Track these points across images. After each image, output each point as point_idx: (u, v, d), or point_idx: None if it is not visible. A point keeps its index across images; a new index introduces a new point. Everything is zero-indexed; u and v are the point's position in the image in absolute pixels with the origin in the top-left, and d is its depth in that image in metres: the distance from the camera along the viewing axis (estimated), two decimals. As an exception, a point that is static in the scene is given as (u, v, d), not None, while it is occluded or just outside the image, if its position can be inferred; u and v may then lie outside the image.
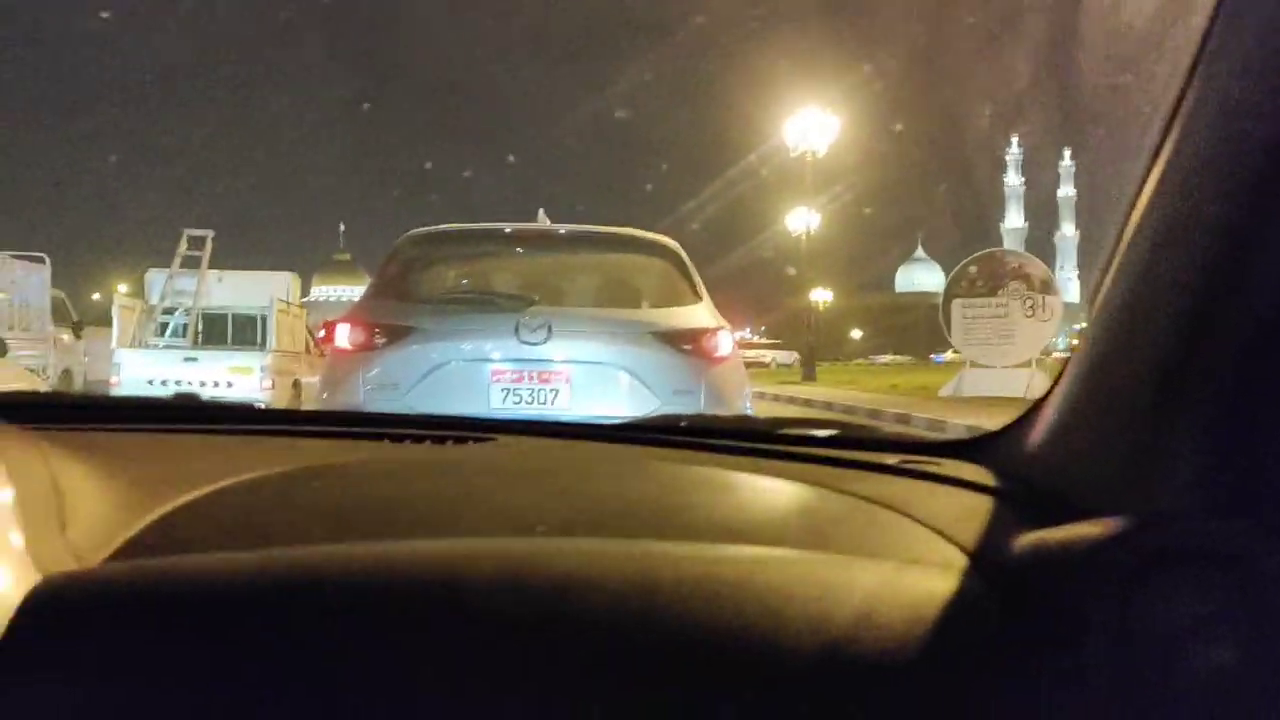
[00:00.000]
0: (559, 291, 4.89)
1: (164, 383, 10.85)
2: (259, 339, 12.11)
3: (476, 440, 1.26)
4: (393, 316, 4.28)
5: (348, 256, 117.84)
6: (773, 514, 0.97)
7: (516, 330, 4.12)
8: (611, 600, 0.70)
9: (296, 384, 11.78)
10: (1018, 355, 15.37)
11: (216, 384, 10.94)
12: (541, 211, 5.46)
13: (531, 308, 4.25)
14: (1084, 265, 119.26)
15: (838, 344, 65.80)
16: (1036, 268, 16.02)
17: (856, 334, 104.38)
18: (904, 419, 12.90)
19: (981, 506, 0.97)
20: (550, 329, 4.13)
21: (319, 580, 0.70)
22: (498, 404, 4.11)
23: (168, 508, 0.84)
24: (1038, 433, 1.00)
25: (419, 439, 1.26)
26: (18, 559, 0.67)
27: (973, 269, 16.05)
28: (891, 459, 1.19)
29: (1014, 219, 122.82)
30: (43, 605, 0.65)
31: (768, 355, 62.36)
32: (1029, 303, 15.27)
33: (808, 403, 17.45)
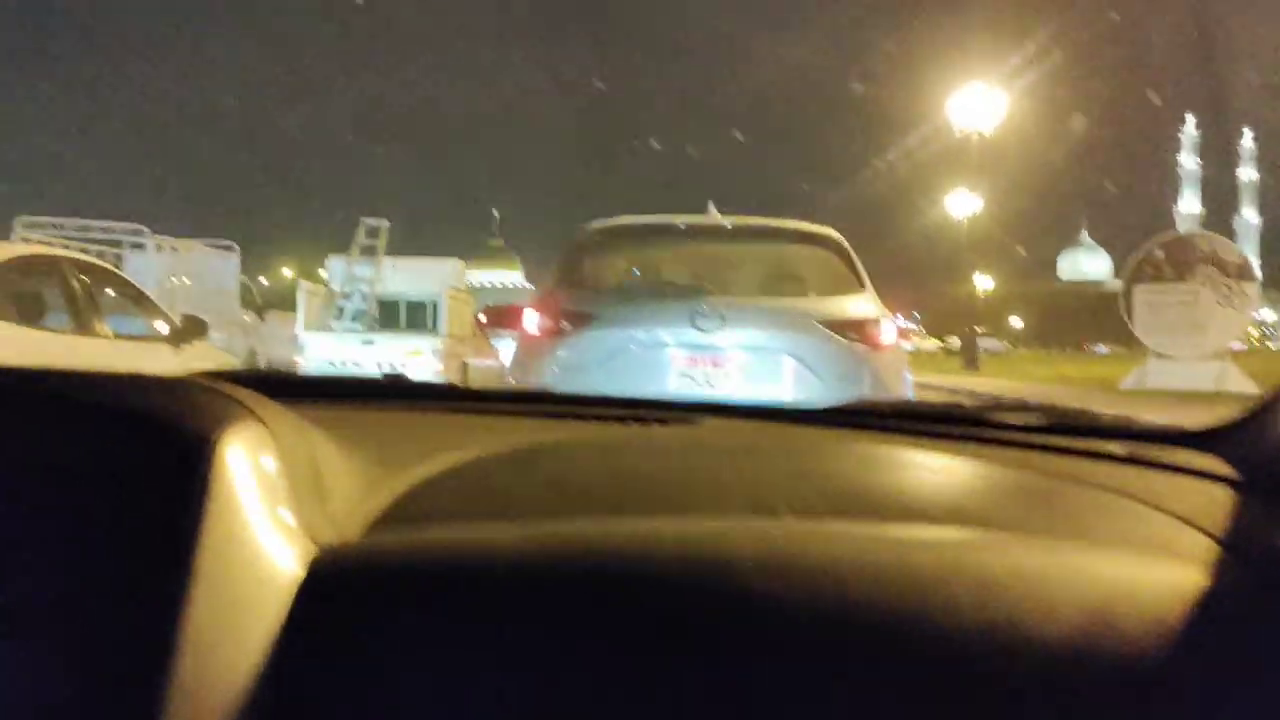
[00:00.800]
0: (729, 281, 5.06)
1: (344, 363, 11.33)
2: (429, 323, 12.45)
3: (680, 422, 1.28)
4: (577, 304, 4.53)
5: (501, 243, 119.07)
6: (1001, 498, 0.91)
7: (691, 318, 4.35)
8: (880, 589, 0.67)
9: (464, 366, 12.10)
10: (1209, 346, 14.37)
11: (392, 365, 11.29)
12: (711, 204, 5.32)
13: (705, 297, 4.46)
14: (1267, 252, 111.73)
15: (996, 333, 63.58)
16: (1230, 251, 14.86)
17: (1017, 322, 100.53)
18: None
19: (1231, 498, 0.89)
20: (723, 317, 4.35)
21: (595, 558, 0.68)
22: (674, 386, 4.37)
23: (411, 482, 0.85)
24: None
25: (623, 419, 1.28)
26: (292, 531, 0.67)
27: (1159, 253, 14.92)
28: (1116, 447, 1.10)
29: (1190, 203, 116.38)
30: (326, 578, 0.65)
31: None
32: (1223, 289, 14.22)
33: (972, 394, 16.95)
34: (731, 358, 4.35)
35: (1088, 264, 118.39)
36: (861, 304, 4.52)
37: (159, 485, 0.65)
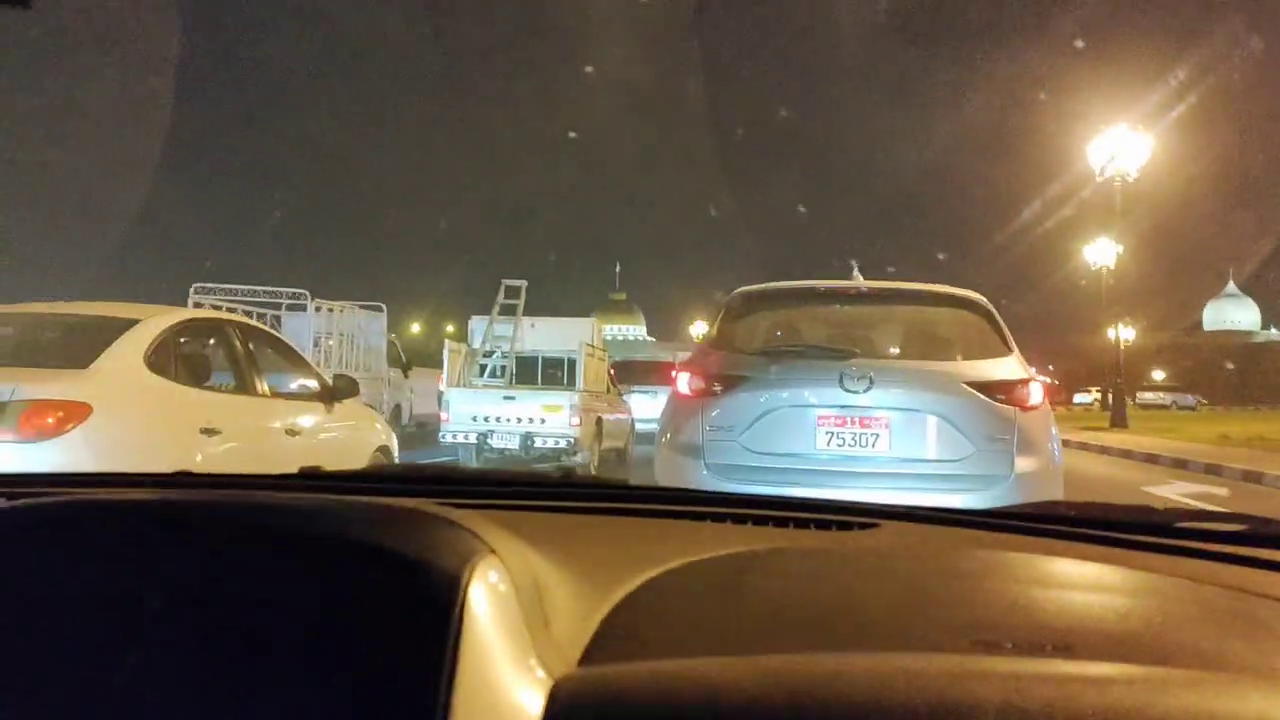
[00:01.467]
0: (875, 343, 5.13)
1: (485, 418, 11.62)
2: (566, 379, 12.65)
3: (861, 526, 1.26)
4: (728, 366, 4.68)
5: (623, 296, 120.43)
6: (1211, 625, 0.88)
7: (841, 380, 4.45)
8: None
9: (599, 421, 12.21)
10: None
11: (531, 420, 11.56)
12: (855, 267, 5.61)
13: (853, 359, 4.57)
14: None
15: (1134, 386, 60.95)
16: None
17: (1158, 375, 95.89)
18: (1254, 477, 12.04)
19: None
20: (871, 379, 4.44)
21: (827, 697, 0.66)
22: (822, 446, 4.46)
23: (617, 601, 0.85)
24: None
25: (803, 523, 1.27)
26: (529, 666, 0.66)
27: None
28: None
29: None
30: (564, 713, 0.64)
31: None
32: None
33: (1126, 454, 16.26)
34: (880, 418, 4.43)
35: (1235, 313, 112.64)
36: (1008, 366, 4.59)
37: (411, 627, 0.65)
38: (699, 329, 70.19)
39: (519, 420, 11.55)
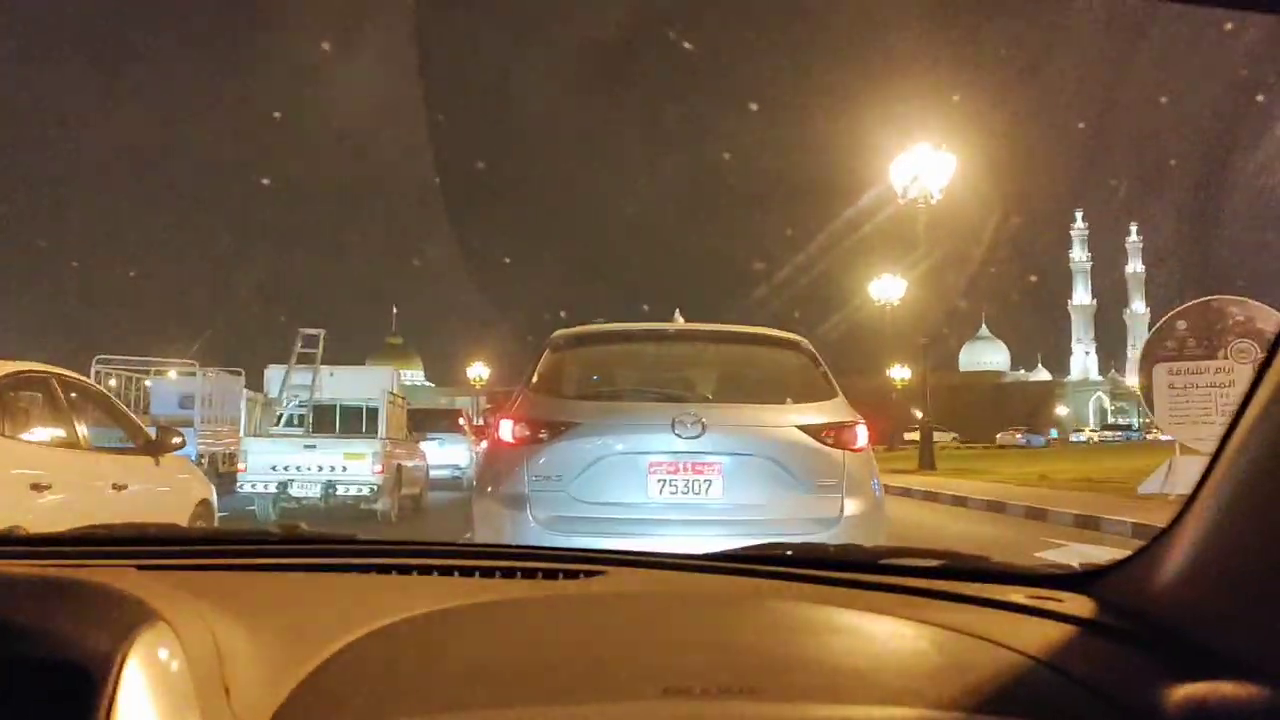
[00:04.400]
0: (704, 387, 5.22)
1: (285, 467, 11.77)
2: (365, 427, 12.92)
3: (587, 575, 1.28)
4: (554, 412, 4.56)
5: (400, 340, 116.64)
6: (901, 663, 0.94)
7: (673, 425, 4.36)
8: None
9: (399, 468, 12.53)
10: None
11: (333, 468, 11.80)
12: (677, 311, 5.56)
13: (686, 404, 4.56)
14: None
15: (904, 426, 65.01)
16: (1269, 319, 11.92)
17: (918, 414, 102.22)
18: (1089, 522, 10.81)
19: (1117, 651, 0.94)
20: (704, 424, 4.37)
21: None
22: (655, 494, 4.36)
23: (315, 665, 0.84)
24: (1170, 566, 0.96)
25: (529, 573, 1.27)
26: None
27: (1181, 324, 12.50)
28: (1012, 593, 1.16)
29: (1081, 295, 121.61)
30: None
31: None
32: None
33: (959, 500, 14.92)
34: (713, 464, 4.38)
35: (987, 355, 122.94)
36: (835, 408, 4.66)
37: (58, 709, 0.63)
38: (478, 372, 69.91)
39: (320, 468, 11.75)
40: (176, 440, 6.33)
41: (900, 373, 56.66)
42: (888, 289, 37.75)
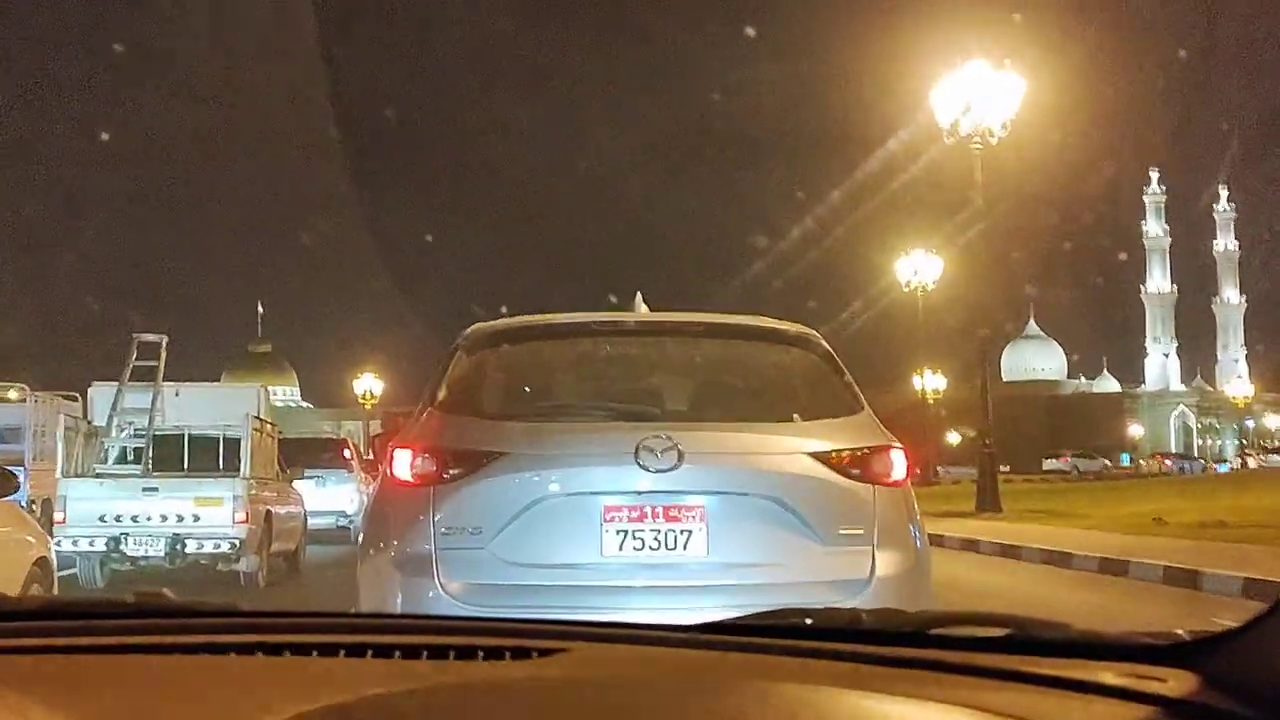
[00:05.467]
0: (679, 400, 5.07)
1: (119, 518, 11.75)
2: (223, 463, 12.91)
3: (541, 653, 1.28)
4: (470, 439, 4.39)
5: (269, 348, 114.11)
6: None
7: (637, 453, 4.15)
8: None
9: (269, 516, 12.66)
10: None
11: (181, 518, 11.79)
12: (639, 297, 5.32)
13: (654, 424, 4.36)
14: (1254, 341, 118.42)
15: (938, 448, 65.18)
16: None
17: (954, 437, 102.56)
18: (1267, 590, 9.85)
19: None
20: (680, 451, 4.16)
21: None
22: (612, 550, 4.19)
23: None
24: None
25: (465, 652, 1.27)
26: None
27: None
28: (1100, 670, 1.19)
29: (1158, 281, 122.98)
30: None
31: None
32: None
33: (1054, 557, 13.95)
34: (693, 508, 4.22)
35: (1036, 359, 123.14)
36: (861, 427, 4.53)
37: None
38: (366, 385, 68.66)
39: (163, 519, 11.77)
40: (10, 484, 6.40)
41: (931, 382, 56.78)
42: (920, 269, 37.76)
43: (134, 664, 1.25)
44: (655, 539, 4.21)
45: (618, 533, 4.21)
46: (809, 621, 1.51)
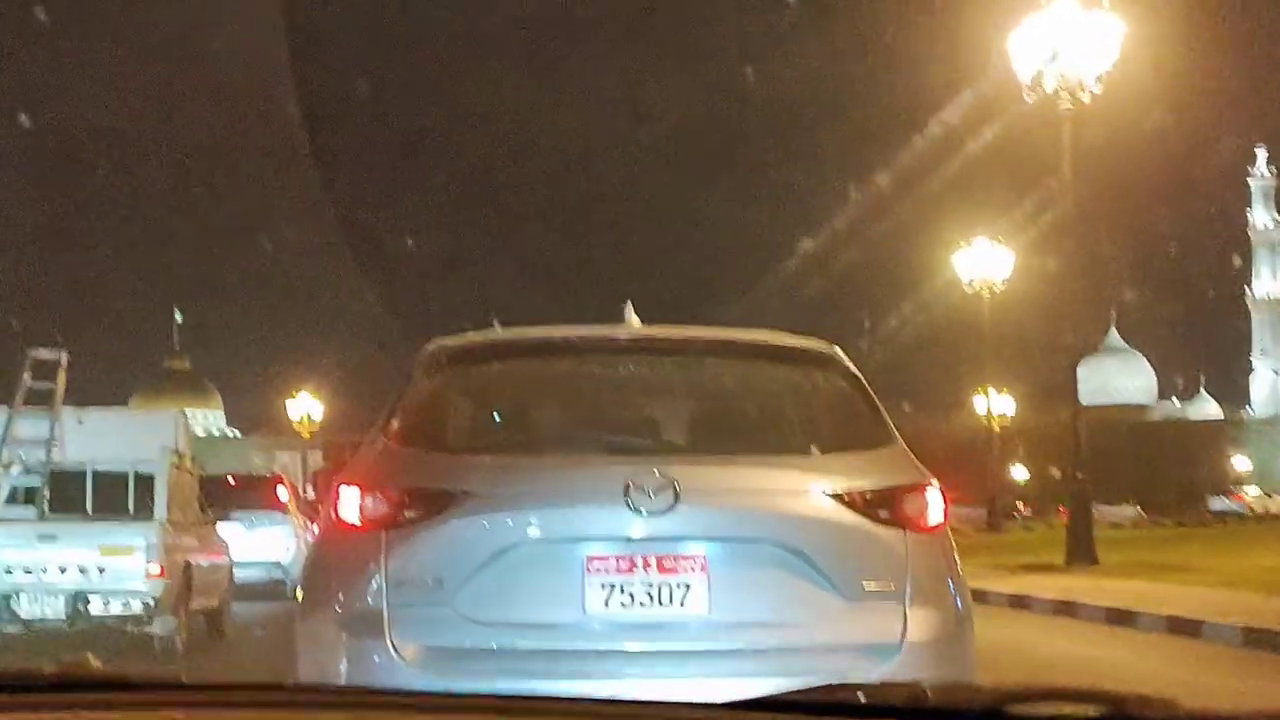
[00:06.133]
0: (676, 431, 5.16)
1: (9, 571, 11.75)
2: (134, 505, 12.90)
3: None
4: (429, 475, 4.45)
5: (187, 364, 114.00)
6: None
7: (626, 493, 4.19)
8: None
9: (188, 567, 12.67)
10: None
11: (84, 570, 11.78)
12: (629, 308, 5.37)
13: (646, 457, 4.44)
14: None
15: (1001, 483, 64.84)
16: None
17: (1021, 473, 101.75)
18: None
19: None
20: (676, 490, 4.19)
21: None
22: (596, 607, 4.23)
23: None
24: None
25: None
26: None
27: None
28: None
29: (1267, 283, 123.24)
30: None
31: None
32: None
33: (1182, 626, 13.03)
34: (692, 556, 4.27)
35: (1119, 378, 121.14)
36: (892, 461, 4.59)
37: None
38: (304, 408, 67.41)
39: (63, 571, 11.78)
40: None
41: (997, 404, 55.83)
42: (985, 263, 37.20)
43: None
44: (648, 594, 4.24)
45: (603, 586, 4.25)
46: (862, 698, 1.52)
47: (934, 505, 4.49)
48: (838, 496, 4.36)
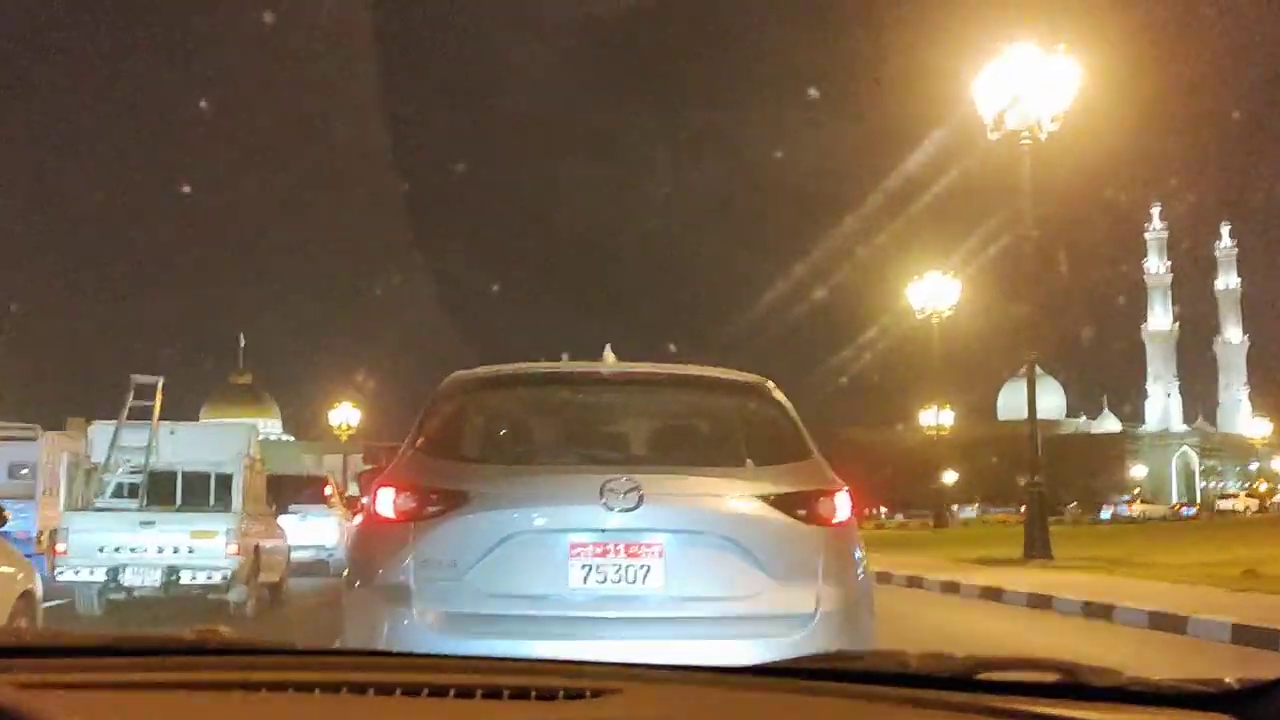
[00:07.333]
0: (640, 445, 5.67)
1: (118, 549, 12.73)
2: (214, 499, 13.92)
3: (595, 694, 1.31)
4: (448, 479, 4.81)
5: (248, 378, 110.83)
6: None
7: (601, 494, 4.57)
8: None
9: (257, 549, 13.60)
10: None
11: (176, 550, 12.75)
12: (608, 349, 5.81)
13: (618, 467, 4.77)
14: (1258, 381, 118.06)
15: (923, 489, 65.23)
16: None
17: (949, 476, 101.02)
18: None
19: None
20: (641, 493, 4.57)
21: None
22: (577, 583, 4.59)
23: None
24: None
25: (519, 692, 1.30)
26: None
27: None
28: (1151, 717, 1.24)
29: (1159, 319, 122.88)
30: None
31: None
32: None
33: (1165, 621, 11.29)
34: (652, 544, 4.61)
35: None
36: (809, 472, 4.97)
37: None
38: (344, 416, 69.51)
39: (160, 550, 12.67)
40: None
41: (939, 417, 55.56)
42: (935, 294, 37.10)
43: (197, 700, 1.33)
44: (617, 573, 4.60)
45: (583, 567, 4.61)
46: (858, 665, 1.56)
47: (842, 506, 4.87)
48: (766, 498, 4.75)
